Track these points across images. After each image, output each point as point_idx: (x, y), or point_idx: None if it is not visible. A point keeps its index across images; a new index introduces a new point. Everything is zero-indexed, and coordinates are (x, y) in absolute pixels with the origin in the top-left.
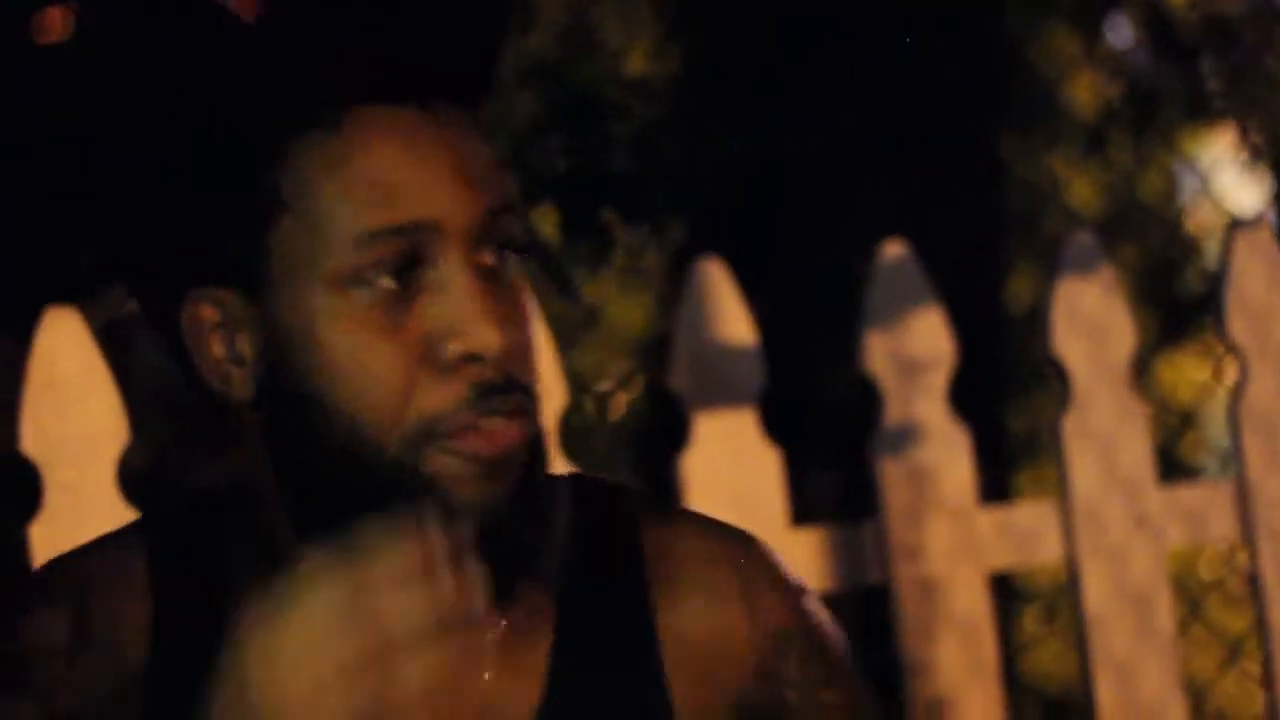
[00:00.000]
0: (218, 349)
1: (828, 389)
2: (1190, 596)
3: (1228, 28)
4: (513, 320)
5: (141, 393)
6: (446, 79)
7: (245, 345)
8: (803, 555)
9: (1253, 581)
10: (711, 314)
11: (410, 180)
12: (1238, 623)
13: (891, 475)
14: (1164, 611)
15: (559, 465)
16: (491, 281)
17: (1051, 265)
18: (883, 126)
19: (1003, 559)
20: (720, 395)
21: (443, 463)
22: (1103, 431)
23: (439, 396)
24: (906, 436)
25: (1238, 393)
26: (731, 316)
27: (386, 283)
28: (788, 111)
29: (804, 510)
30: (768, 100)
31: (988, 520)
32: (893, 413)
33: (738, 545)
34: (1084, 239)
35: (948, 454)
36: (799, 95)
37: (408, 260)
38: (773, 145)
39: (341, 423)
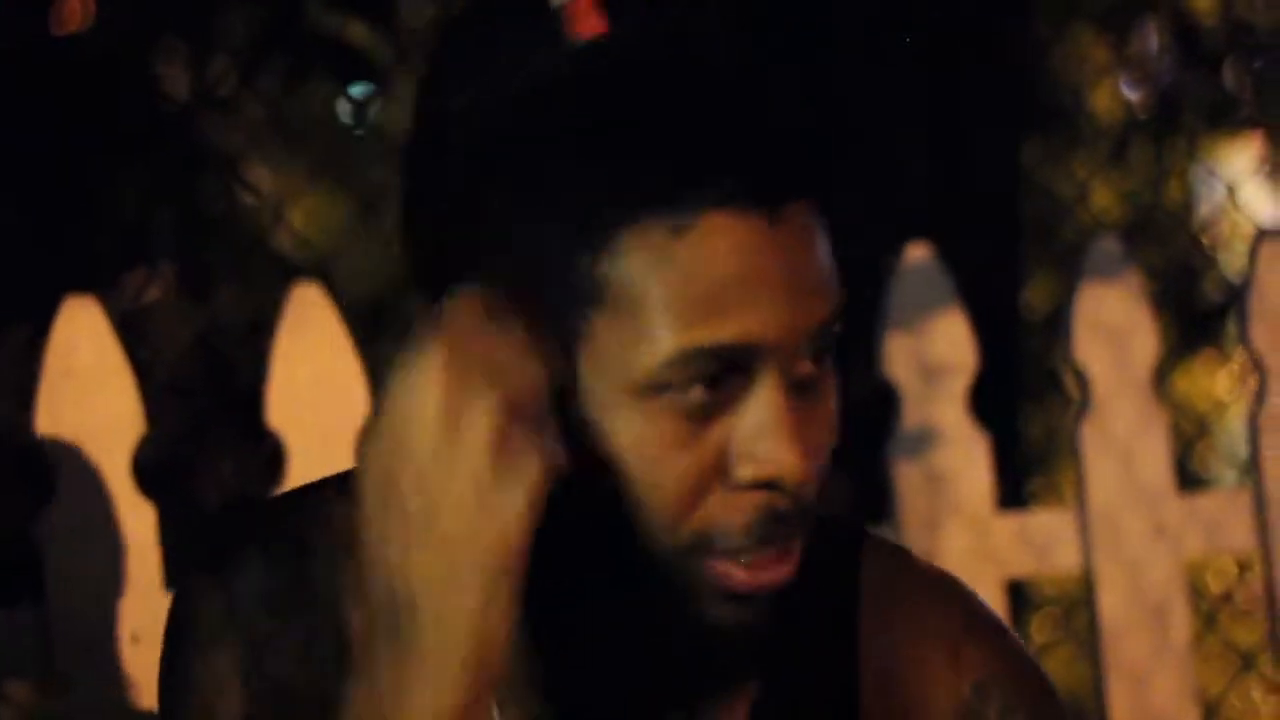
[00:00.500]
0: None
1: (847, 391)
2: (1203, 608)
3: (1254, 36)
4: (818, 439)
5: (160, 384)
6: (805, 181)
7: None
8: None
9: (1269, 591)
10: None
11: (743, 298)
12: (1248, 636)
13: (908, 480)
14: (1180, 622)
15: None
16: (803, 395)
17: (1074, 270)
18: (906, 129)
19: (1020, 566)
20: None
21: (704, 576)
22: (1122, 439)
23: (724, 514)
24: (925, 441)
25: (1258, 402)
26: None
27: (697, 394)
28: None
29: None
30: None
31: (1005, 527)
32: (911, 417)
33: (947, 590)
34: (1108, 244)
35: (966, 459)
36: (824, 96)
37: (722, 375)
38: None
39: (624, 514)
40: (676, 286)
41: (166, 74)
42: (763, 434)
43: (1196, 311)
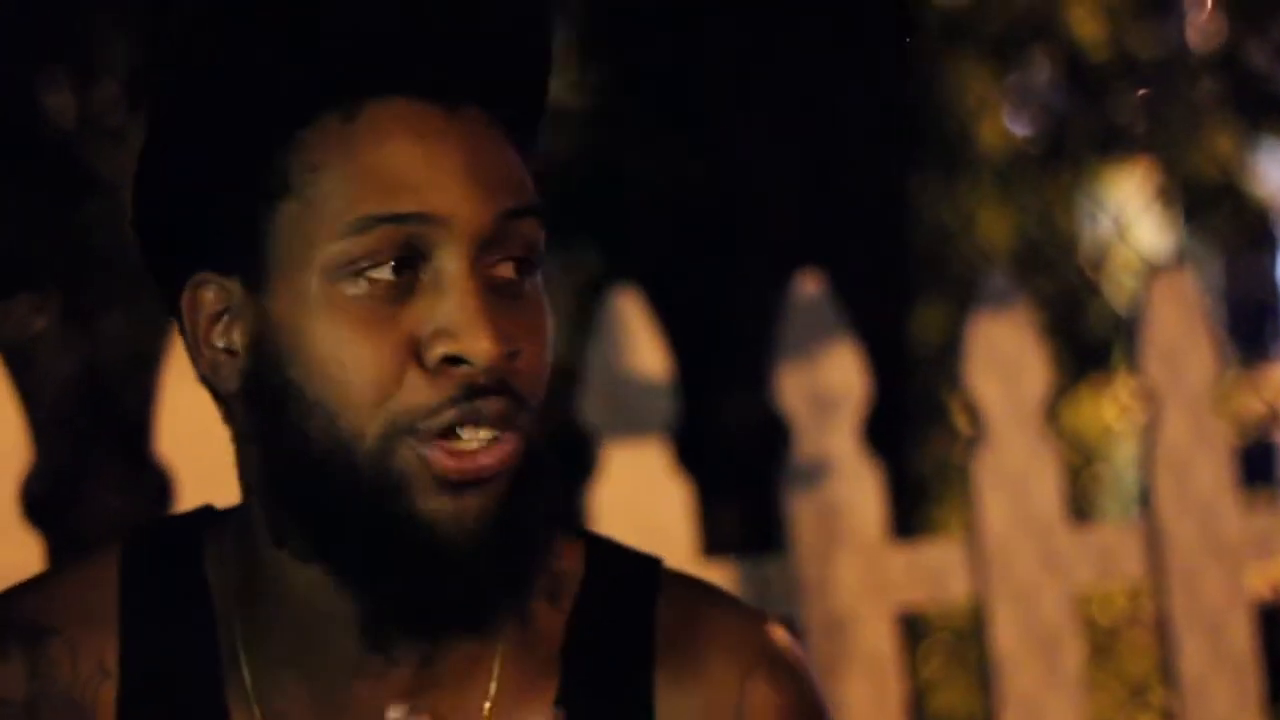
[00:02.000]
0: (214, 338)
1: (736, 421)
2: (1095, 639)
3: (1139, 67)
4: (514, 332)
5: (45, 414)
6: (478, 79)
7: (239, 336)
8: None
9: (1160, 624)
10: (624, 344)
11: (418, 173)
12: (1137, 666)
13: (801, 510)
14: (1072, 652)
15: None
16: (501, 292)
17: (966, 303)
18: (794, 160)
19: (912, 596)
20: (631, 426)
21: (412, 461)
22: (1015, 470)
23: (422, 394)
24: (817, 472)
25: (1151, 434)
26: (645, 347)
27: (381, 275)
28: (701, 144)
29: (711, 544)
30: (681, 133)
31: (897, 557)
32: (803, 447)
33: (748, 631)
34: (1000, 278)
35: (858, 490)
36: (712, 128)
37: (407, 254)
38: (686, 177)
39: (319, 415)
40: (352, 164)
41: (51, 102)
42: (454, 310)
43: (1083, 342)
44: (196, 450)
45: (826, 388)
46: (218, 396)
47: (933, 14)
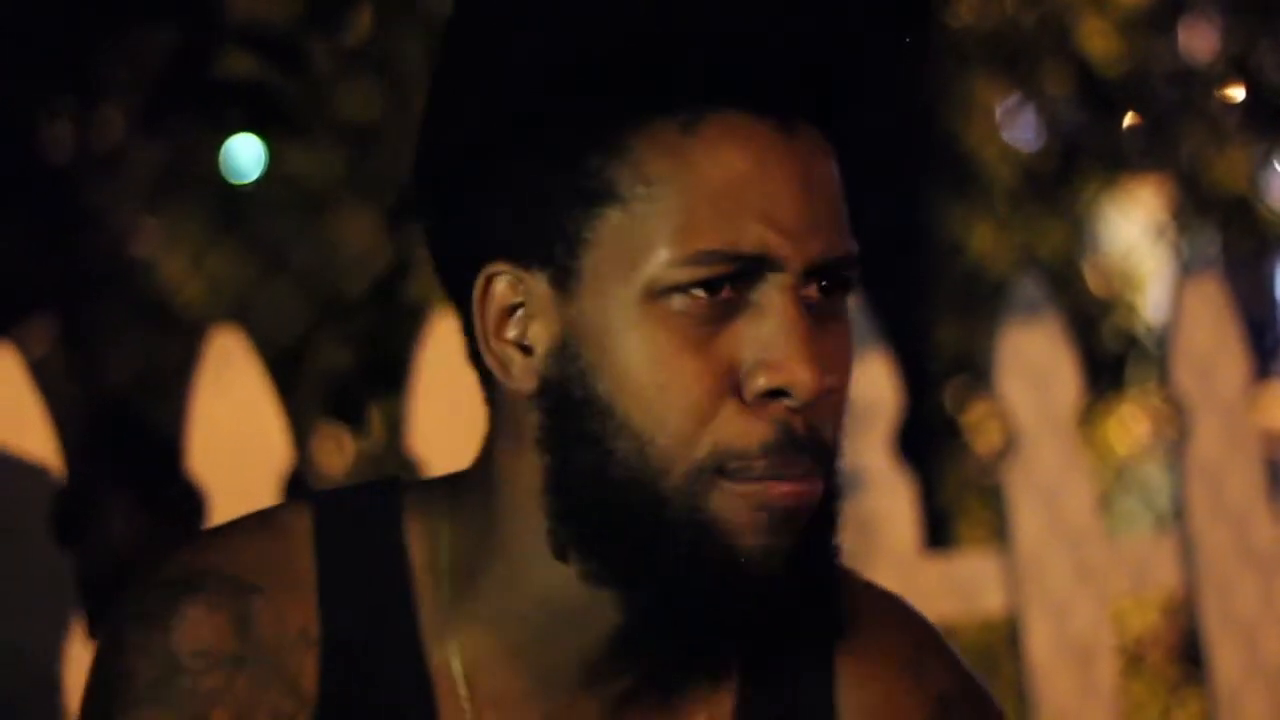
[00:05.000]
0: (508, 330)
1: None
2: (1129, 649)
3: (1151, 83)
4: (830, 364)
5: (74, 432)
6: (821, 96)
7: (540, 333)
8: None
9: (1195, 634)
10: None
11: (758, 202)
12: (1172, 677)
13: None
14: (1106, 663)
15: None
16: (816, 319)
17: (996, 311)
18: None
19: (945, 608)
20: None
21: (729, 504)
22: (1047, 480)
23: (738, 430)
24: (850, 483)
25: (1182, 444)
26: None
27: (704, 295)
28: None
29: None
30: None
31: (931, 569)
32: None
33: (903, 615)
34: (1029, 284)
35: (892, 502)
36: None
37: (735, 278)
38: None
39: (628, 437)
40: (687, 184)
41: (51, 131)
42: (775, 340)
43: (1096, 360)
44: (227, 466)
45: (859, 399)
46: (490, 389)
47: (944, 33)
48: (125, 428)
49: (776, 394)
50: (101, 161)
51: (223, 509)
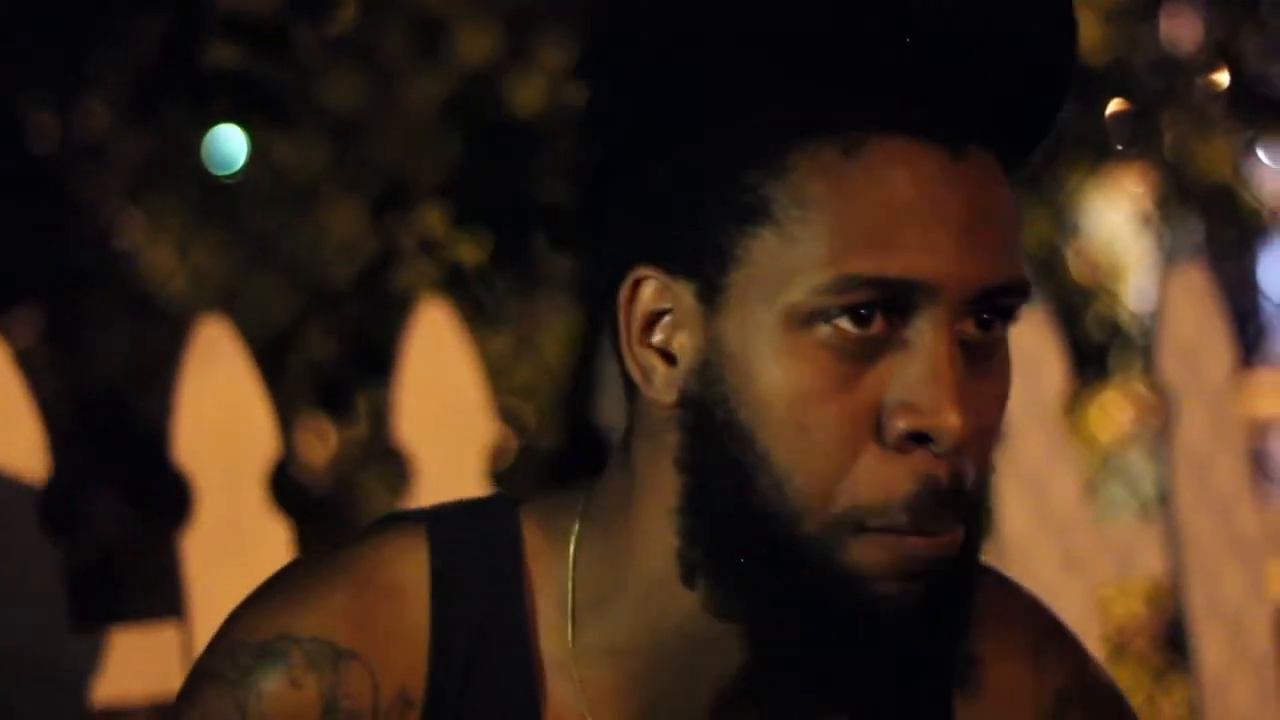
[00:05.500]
0: (653, 336)
1: None
2: (1112, 637)
3: (1133, 72)
4: (982, 406)
5: (60, 424)
6: (991, 119)
7: (684, 345)
8: None
9: (1179, 622)
10: None
11: (917, 229)
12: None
13: None
14: (1092, 649)
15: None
16: (972, 357)
17: None
18: None
19: None
20: None
21: (867, 554)
22: (1034, 468)
23: (878, 481)
24: None
25: (1168, 432)
26: None
27: (853, 327)
28: None
29: None
30: None
31: None
32: None
33: (1026, 604)
34: None
35: None
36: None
37: (885, 310)
38: None
39: (766, 474)
40: (845, 209)
41: (36, 122)
42: (922, 381)
43: (1083, 347)
44: (213, 456)
45: None
46: (631, 397)
47: None
48: (112, 419)
49: (919, 438)
50: (87, 152)
51: (209, 499)
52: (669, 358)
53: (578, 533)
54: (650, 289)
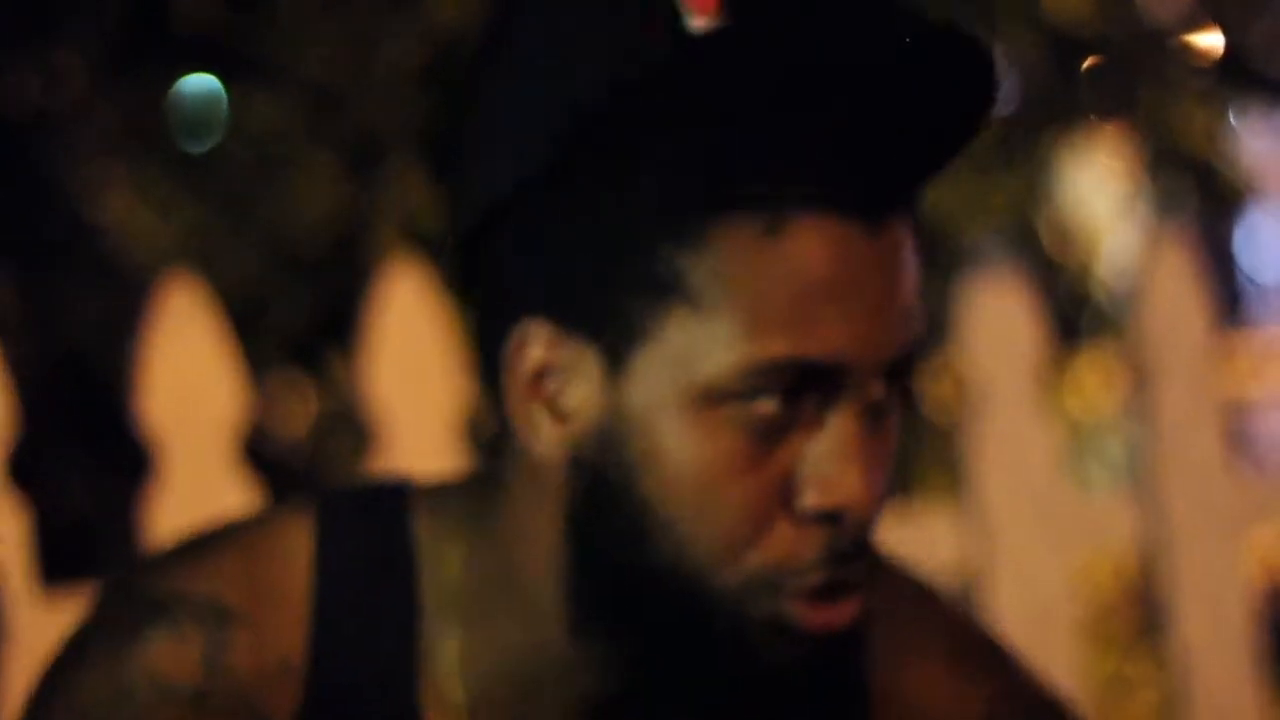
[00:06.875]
0: (540, 391)
1: None
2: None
3: (1107, 37)
4: (879, 467)
5: (30, 384)
6: (915, 187)
7: (578, 406)
8: None
9: (1156, 593)
10: None
11: (837, 310)
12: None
13: None
14: (1067, 621)
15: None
16: (873, 423)
17: (960, 270)
18: None
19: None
20: None
21: (772, 618)
22: (1011, 437)
23: (788, 547)
24: None
25: (1145, 403)
26: None
27: (765, 408)
28: None
29: None
30: None
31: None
32: None
33: (949, 614)
34: (992, 243)
35: None
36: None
37: (797, 388)
38: None
39: (670, 540)
40: (763, 289)
41: (6, 83)
42: (834, 460)
43: (1059, 315)
44: (179, 420)
45: None
46: (505, 439)
47: None
48: (82, 379)
49: (826, 517)
50: (59, 114)
51: (175, 459)
52: (561, 416)
53: (467, 536)
54: (541, 342)
